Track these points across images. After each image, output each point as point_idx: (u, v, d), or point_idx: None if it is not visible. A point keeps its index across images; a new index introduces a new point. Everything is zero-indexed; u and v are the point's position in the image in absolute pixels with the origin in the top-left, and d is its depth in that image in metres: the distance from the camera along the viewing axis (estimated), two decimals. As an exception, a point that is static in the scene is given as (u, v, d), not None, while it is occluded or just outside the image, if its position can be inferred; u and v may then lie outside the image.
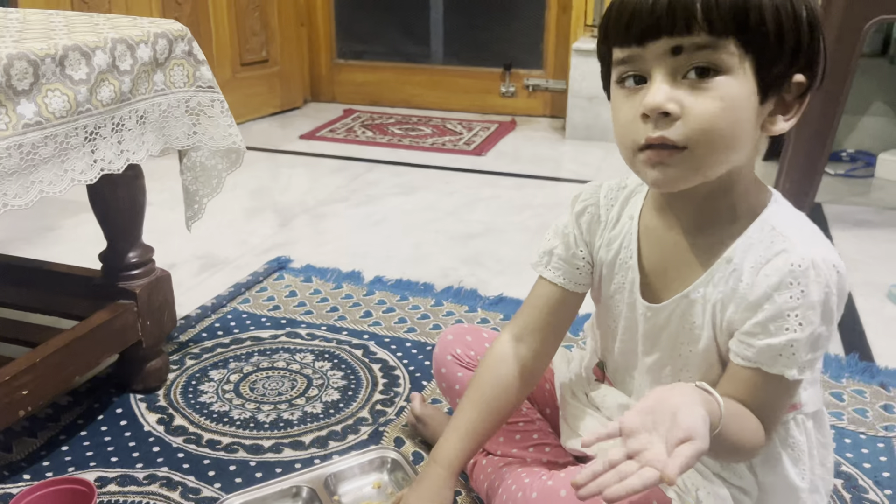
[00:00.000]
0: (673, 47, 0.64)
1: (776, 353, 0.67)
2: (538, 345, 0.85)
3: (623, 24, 0.66)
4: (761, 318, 0.68)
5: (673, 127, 0.65)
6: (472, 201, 2.11)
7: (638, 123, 0.67)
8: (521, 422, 0.91)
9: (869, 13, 1.78)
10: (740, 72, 0.64)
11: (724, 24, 0.63)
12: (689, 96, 0.64)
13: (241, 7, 2.80)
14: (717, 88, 0.64)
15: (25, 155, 0.87)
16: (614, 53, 0.69)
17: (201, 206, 1.21)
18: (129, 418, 1.15)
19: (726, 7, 0.62)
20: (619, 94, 0.70)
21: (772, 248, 0.69)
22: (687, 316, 0.75)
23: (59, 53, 0.90)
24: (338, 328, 1.41)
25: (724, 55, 0.64)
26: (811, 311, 0.66)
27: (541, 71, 3.00)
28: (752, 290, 0.68)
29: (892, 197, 2.16)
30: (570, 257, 0.83)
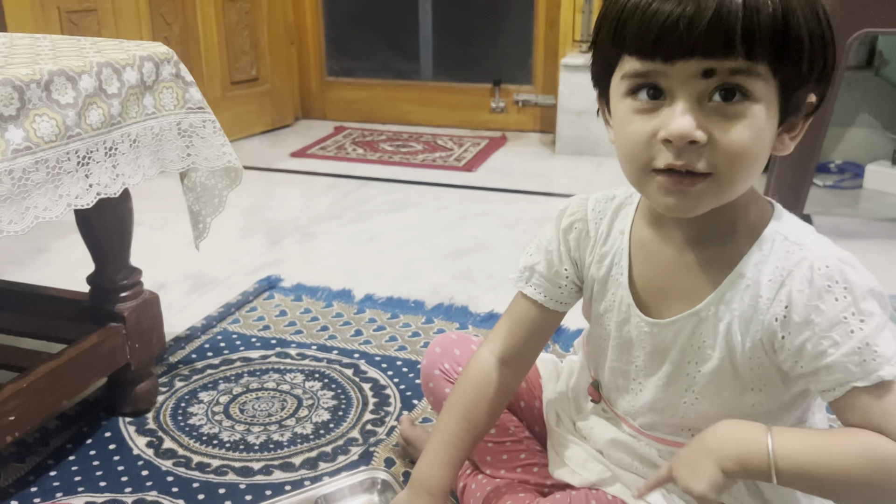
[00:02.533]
0: (705, 70, 0.60)
1: (859, 361, 0.62)
2: (516, 361, 0.84)
3: (651, 37, 0.60)
4: (818, 332, 0.63)
5: (699, 155, 0.61)
6: (463, 217, 2.11)
7: (655, 145, 0.63)
8: (508, 441, 0.90)
9: (853, 26, 1.79)
10: (767, 96, 0.61)
11: (762, 49, 0.59)
12: (717, 124, 0.61)
13: (231, 26, 2.81)
14: (745, 115, 0.61)
15: (17, 181, 0.87)
16: (627, 63, 0.63)
17: (206, 226, 1.23)
18: (118, 442, 1.14)
19: (767, 30, 0.58)
20: (627, 106, 0.65)
21: (789, 258, 0.65)
22: (696, 335, 0.71)
23: (45, 79, 0.90)
24: (328, 347, 1.41)
25: (756, 80, 0.60)
26: (864, 302, 0.62)
27: (530, 86, 3.02)
28: (793, 307, 0.64)
29: (881, 208, 2.17)
30: (552, 275, 0.80)
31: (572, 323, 1.42)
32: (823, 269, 0.63)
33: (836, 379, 0.63)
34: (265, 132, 3.04)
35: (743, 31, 0.58)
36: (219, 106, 2.66)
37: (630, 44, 0.62)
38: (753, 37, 0.58)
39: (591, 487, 0.80)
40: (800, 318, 0.64)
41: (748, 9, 0.58)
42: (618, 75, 0.65)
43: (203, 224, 1.23)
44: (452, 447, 0.82)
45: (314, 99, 3.27)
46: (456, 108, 3.11)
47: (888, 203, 2.21)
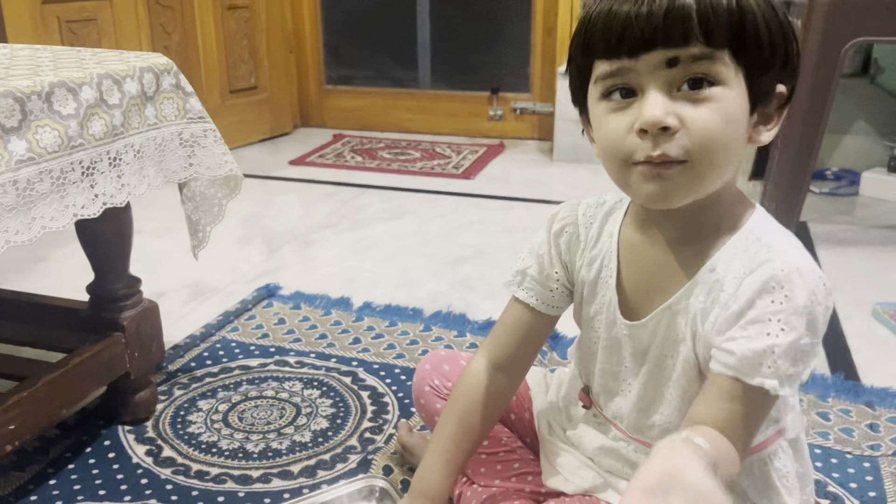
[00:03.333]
0: (668, 59, 0.63)
1: (757, 361, 0.64)
2: (511, 366, 0.85)
3: (614, 36, 0.64)
4: (742, 323, 0.66)
5: (673, 141, 0.63)
6: (461, 225, 2.12)
7: (631, 138, 0.65)
8: (501, 451, 0.91)
9: (848, 35, 1.81)
10: (735, 83, 0.64)
11: (720, 34, 0.62)
12: (687, 108, 0.63)
13: (230, 35, 2.82)
14: (713, 100, 0.63)
15: (22, 191, 0.88)
16: (599, 67, 0.67)
17: (205, 235, 1.24)
18: (118, 450, 1.15)
19: (723, 18, 0.62)
20: (603, 108, 0.68)
21: (756, 258, 0.67)
22: (671, 327, 0.73)
23: (46, 90, 0.91)
24: (327, 355, 1.41)
25: (720, 66, 0.63)
26: (794, 315, 0.63)
27: (528, 94, 3.03)
28: (736, 300, 0.66)
29: (877, 215, 2.18)
30: (543, 279, 0.82)
31: (569, 331, 1.43)
32: (778, 271, 0.65)
33: (729, 362, 0.66)
34: (264, 140, 3.05)
35: (699, 19, 0.62)
36: (218, 114, 2.67)
37: (597, 47, 0.66)
38: (709, 23, 0.62)
39: (585, 494, 0.81)
40: (736, 308, 0.66)
41: (703, 7, 0.62)
42: (592, 82, 0.69)
43: (202, 233, 1.24)
44: (450, 453, 0.83)
45: (313, 107, 3.28)
46: (454, 115, 3.12)
47: (884, 210, 2.22)
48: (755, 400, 0.66)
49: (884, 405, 1.24)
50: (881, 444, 1.14)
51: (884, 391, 1.27)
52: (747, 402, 0.66)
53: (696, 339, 0.71)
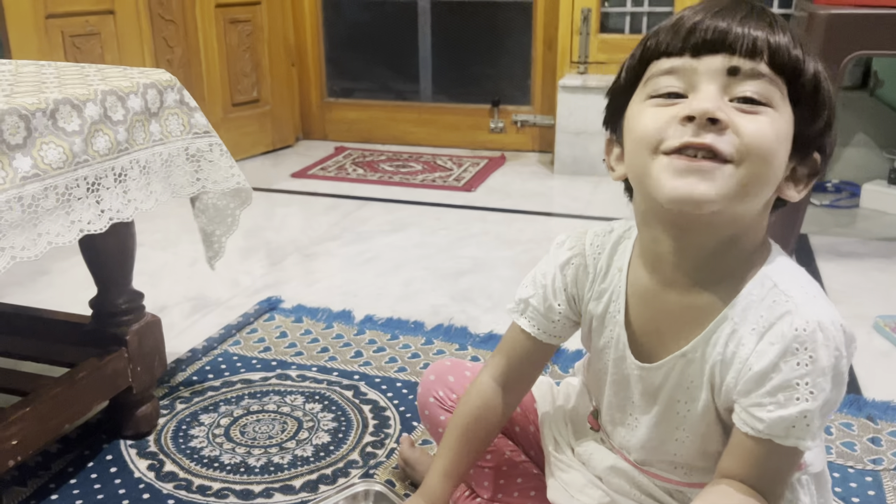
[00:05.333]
0: (730, 67, 0.62)
1: (789, 425, 0.63)
2: (514, 384, 0.86)
3: (682, 34, 0.64)
4: (769, 387, 0.64)
5: (723, 136, 0.61)
6: (463, 237, 2.12)
7: (673, 126, 0.62)
8: (504, 465, 0.91)
9: (847, 48, 1.82)
10: (784, 113, 0.63)
11: (783, 65, 0.63)
12: (740, 115, 0.62)
13: (232, 48, 2.84)
14: (765, 114, 0.62)
15: (27, 207, 0.89)
16: (656, 65, 0.66)
17: (221, 246, 1.25)
18: (119, 465, 1.15)
19: (788, 53, 0.63)
20: (646, 104, 0.66)
21: (774, 309, 0.65)
22: (685, 375, 0.71)
23: (50, 107, 0.92)
24: (328, 369, 1.41)
25: (776, 92, 0.63)
26: (822, 377, 0.62)
27: (529, 107, 3.04)
28: (758, 359, 0.64)
29: (878, 227, 2.19)
30: (546, 310, 0.80)
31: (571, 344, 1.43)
32: (801, 331, 0.63)
33: (760, 427, 0.65)
34: (266, 153, 3.07)
35: (769, 43, 0.63)
36: (220, 127, 2.68)
37: (662, 43, 0.65)
38: (776, 50, 0.63)
39: None
40: (760, 370, 0.64)
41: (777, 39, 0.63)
42: (641, 85, 0.67)
43: (218, 244, 1.25)
44: (453, 463, 0.85)
45: (315, 120, 3.29)
46: (455, 128, 3.13)
47: (885, 222, 2.22)
48: (788, 457, 0.66)
49: (886, 419, 1.24)
50: (883, 459, 1.14)
51: (885, 405, 1.27)
52: (780, 459, 0.66)
53: (715, 390, 0.69)
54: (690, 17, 0.65)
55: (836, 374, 0.63)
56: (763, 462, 0.66)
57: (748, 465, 0.66)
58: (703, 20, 0.64)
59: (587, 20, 2.70)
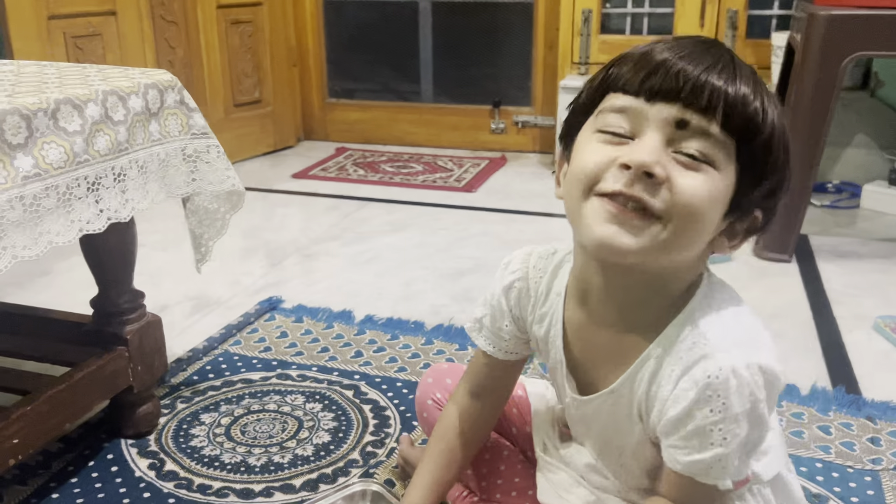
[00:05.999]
0: (680, 119, 0.61)
1: (706, 467, 0.65)
2: (488, 396, 0.88)
3: (643, 72, 0.63)
4: (684, 433, 0.65)
5: (656, 193, 0.61)
6: (463, 238, 2.13)
7: (611, 169, 0.62)
8: (502, 465, 0.92)
9: (847, 50, 1.82)
10: (726, 175, 0.63)
11: (737, 125, 0.62)
12: (678, 170, 0.62)
13: (234, 49, 2.84)
14: (704, 172, 0.62)
15: (28, 207, 0.89)
16: (611, 99, 0.65)
17: (208, 249, 1.25)
18: (120, 464, 1.15)
19: (743, 115, 0.61)
20: (593, 137, 0.66)
21: (692, 352, 0.65)
22: (615, 410, 0.73)
23: (52, 107, 0.92)
24: (329, 369, 1.42)
25: (722, 153, 0.62)
26: (735, 424, 0.63)
27: (529, 108, 3.05)
28: (674, 403, 0.65)
29: (878, 228, 2.19)
30: (496, 330, 0.83)
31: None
32: (713, 378, 0.63)
33: (679, 468, 0.67)
34: (267, 153, 3.07)
35: (726, 102, 0.61)
36: (222, 128, 2.69)
37: (621, 78, 0.65)
38: (734, 110, 0.61)
39: None
40: (674, 415, 0.66)
41: (736, 93, 0.62)
42: (594, 114, 0.67)
43: (205, 247, 1.25)
44: (435, 476, 0.87)
45: (316, 120, 3.30)
46: (456, 129, 3.14)
47: (885, 223, 2.22)
48: (711, 492, 0.67)
49: (885, 419, 1.24)
50: (882, 459, 1.14)
51: (885, 405, 1.27)
52: (705, 491, 0.67)
53: (644, 424, 0.71)
54: (655, 55, 0.63)
55: (752, 417, 0.64)
56: (690, 491, 0.68)
57: (677, 492, 0.69)
58: (666, 63, 0.62)
59: (588, 21, 2.71)
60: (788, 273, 1.85)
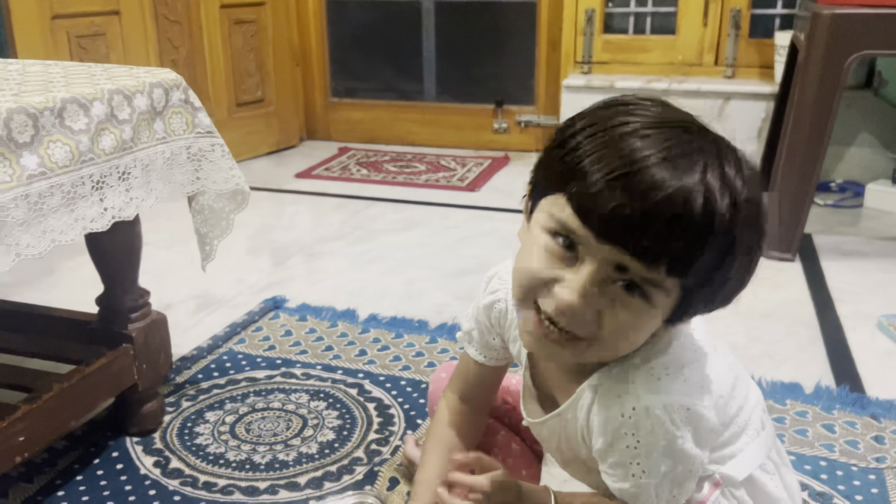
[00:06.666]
0: (621, 265, 0.60)
1: (633, 495, 0.69)
2: (475, 400, 0.92)
3: (595, 215, 0.60)
4: (609, 462, 0.69)
5: (583, 326, 0.63)
6: (466, 237, 2.13)
7: (547, 287, 0.64)
8: (510, 459, 0.93)
9: (850, 49, 1.82)
10: (664, 306, 0.63)
11: (686, 272, 0.60)
12: (610, 306, 0.62)
13: (237, 49, 2.85)
14: (637, 312, 0.62)
15: (33, 205, 0.89)
16: (565, 211, 0.62)
17: (213, 248, 1.25)
18: (126, 462, 1.15)
19: (701, 266, 0.59)
20: (542, 238, 0.65)
21: (616, 390, 0.68)
22: (564, 432, 0.77)
23: (58, 106, 0.93)
24: (333, 367, 1.42)
25: (662, 294, 0.62)
26: (649, 459, 0.66)
27: (532, 107, 3.05)
28: (597, 436, 0.69)
29: (882, 227, 2.18)
30: (485, 342, 0.87)
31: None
32: (626, 418, 0.66)
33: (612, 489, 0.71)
34: (270, 153, 3.07)
35: (680, 253, 0.58)
36: (225, 127, 2.69)
37: (574, 200, 0.61)
38: (687, 261, 0.59)
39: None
40: (599, 446, 0.70)
41: (694, 241, 0.58)
42: (550, 204, 0.64)
43: (210, 246, 1.25)
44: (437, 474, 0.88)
45: (319, 120, 3.30)
46: (459, 128, 3.14)
47: (889, 222, 2.22)
48: None
49: (889, 417, 1.24)
50: (886, 457, 1.14)
51: (889, 403, 1.27)
52: None
53: (588, 448, 0.74)
54: (615, 187, 0.58)
55: (673, 453, 0.66)
56: None
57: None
58: (623, 207, 0.58)
59: (591, 20, 2.71)
60: (792, 272, 1.85)
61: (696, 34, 2.63)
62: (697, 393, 0.68)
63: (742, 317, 1.58)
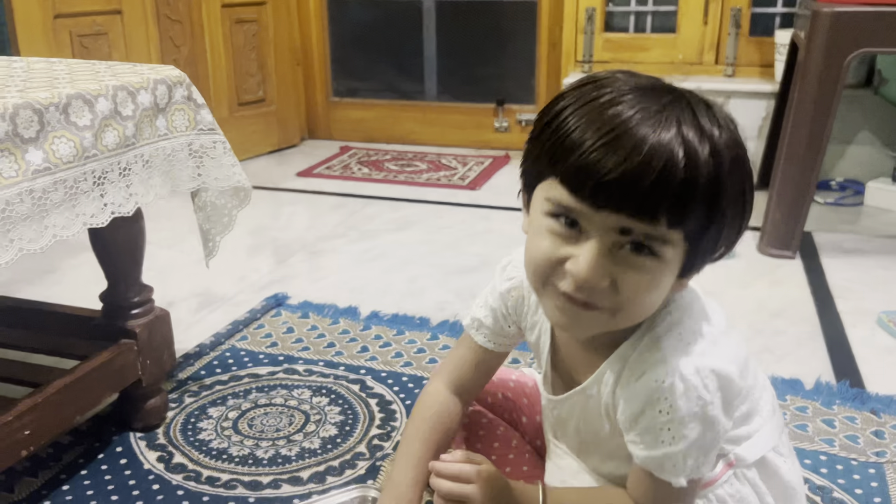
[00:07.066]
0: (623, 228, 0.63)
1: (658, 464, 0.69)
2: (464, 392, 0.91)
3: (589, 183, 0.61)
4: (638, 430, 0.70)
5: (601, 296, 0.65)
6: (467, 235, 2.13)
7: (560, 268, 0.66)
8: (511, 454, 0.94)
9: (850, 46, 1.83)
10: (673, 258, 0.65)
11: (685, 220, 0.62)
12: (622, 271, 0.64)
13: (238, 48, 2.86)
14: (649, 270, 0.64)
15: (37, 200, 0.90)
16: (558, 190, 0.64)
17: (215, 244, 1.26)
18: (129, 457, 1.16)
19: (696, 206, 0.61)
20: (544, 223, 0.67)
21: (646, 359, 0.69)
22: (586, 409, 0.77)
23: (63, 102, 0.94)
24: (335, 363, 1.43)
25: (668, 247, 0.64)
26: (682, 426, 0.67)
27: (533, 106, 3.05)
28: (629, 403, 0.70)
29: (882, 225, 2.19)
30: (497, 329, 0.87)
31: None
32: (660, 383, 0.67)
33: (636, 462, 0.72)
34: (272, 152, 3.08)
35: (673, 202, 0.61)
36: (226, 126, 2.68)
37: (565, 177, 0.63)
38: (682, 209, 0.61)
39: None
40: (630, 413, 0.70)
41: (683, 186, 0.60)
42: (545, 188, 0.66)
43: (213, 242, 1.26)
44: (419, 469, 0.87)
45: (320, 119, 3.31)
46: (460, 127, 3.15)
47: (889, 220, 2.23)
48: (668, 489, 0.70)
49: (889, 412, 1.25)
50: (886, 451, 1.15)
51: (889, 398, 1.28)
52: (661, 491, 0.71)
53: (613, 422, 0.75)
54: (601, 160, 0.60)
55: (703, 419, 0.67)
56: (649, 485, 0.72)
57: (638, 486, 0.73)
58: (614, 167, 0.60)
59: (591, 19, 2.71)
60: (792, 269, 1.85)
61: (697, 33, 2.64)
62: (725, 357, 0.69)
63: (743, 313, 1.58)
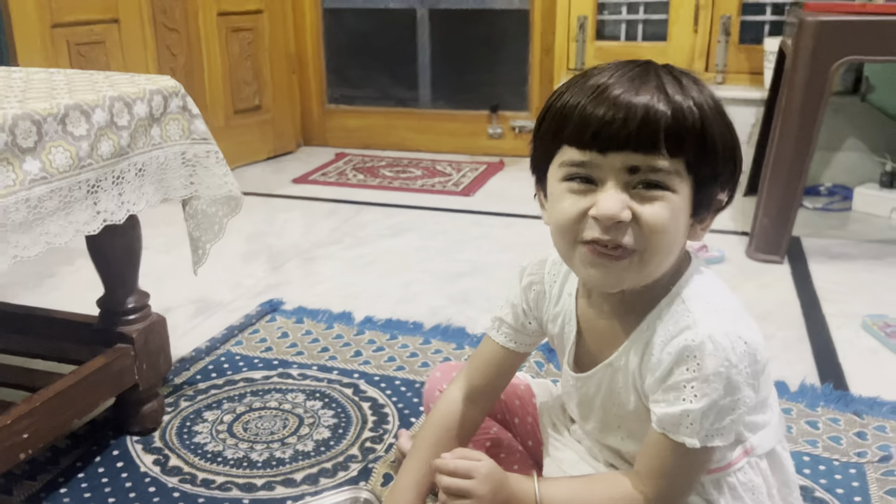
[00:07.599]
0: (631, 167, 0.70)
1: (676, 422, 0.73)
2: (481, 398, 0.94)
3: (588, 133, 0.70)
4: (664, 387, 0.74)
5: (625, 233, 0.70)
6: (461, 241, 2.16)
7: (585, 220, 0.72)
8: (502, 453, 0.96)
9: (836, 54, 1.86)
10: (682, 190, 0.72)
11: (682, 149, 0.70)
12: (640, 204, 0.71)
13: (234, 57, 2.88)
14: (663, 200, 0.71)
15: (33, 208, 0.92)
16: (567, 153, 0.73)
17: (205, 252, 1.27)
18: (126, 460, 1.18)
19: (687, 134, 0.70)
20: (562, 188, 0.74)
21: (678, 323, 0.74)
22: (613, 382, 0.81)
23: (61, 112, 0.96)
24: (329, 368, 1.45)
25: (675, 178, 0.71)
26: (706, 384, 0.71)
27: (526, 113, 3.08)
28: (658, 365, 0.74)
29: (869, 229, 2.22)
30: (519, 326, 0.91)
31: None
32: (690, 342, 0.72)
33: (655, 421, 0.75)
34: (268, 159, 3.11)
35: (666, 133, 0.69)
36: (222, 134, 2.72)
37: (570, 137, 0.72)
38: (675, 139, 0.69)
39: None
40: (659, 373, 0.75)
41: (673, 117, 0.69)
42: (556, 163, 0.75)
43: (202, 250, 1.27)
44: (422, 474, 0.90)
45: (315, 126, 3.33)
46: (454, 134, 3.17)
47: (876, 225, 2.25)
48: (682, 453, 0.74)
49: (872, 413, 1.27)
50: (867, 452, 1.17)
51: (872, 400, 1.31)
52: (675, 455, 0.74)
53: (639, 393, 0.79)
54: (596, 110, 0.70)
55: (727, 381, 0.71)
56: (662, 454, 0.75)
57: (648, 456, 0.77)
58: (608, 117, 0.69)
59: (583, 27, 2.75)
60: (780, 274, 1.88)
61: (687, 41, 2.67)
62: (751, 329, 0.74)
63: (730, 317, 1.61)
